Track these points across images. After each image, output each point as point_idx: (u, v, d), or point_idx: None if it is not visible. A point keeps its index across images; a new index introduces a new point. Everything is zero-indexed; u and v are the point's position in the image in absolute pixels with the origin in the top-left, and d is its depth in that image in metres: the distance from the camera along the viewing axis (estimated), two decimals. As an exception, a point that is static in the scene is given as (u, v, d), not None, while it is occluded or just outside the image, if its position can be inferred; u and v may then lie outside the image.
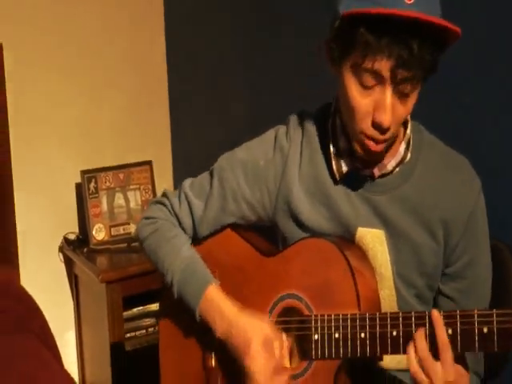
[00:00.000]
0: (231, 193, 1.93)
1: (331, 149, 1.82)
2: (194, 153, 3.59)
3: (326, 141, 1.83)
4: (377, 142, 1.69)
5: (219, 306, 1.88)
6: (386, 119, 1.64)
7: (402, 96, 1.64)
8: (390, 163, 1.78)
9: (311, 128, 1.87)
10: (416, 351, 1.61)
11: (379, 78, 1.62)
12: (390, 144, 1.75)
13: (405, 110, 1.67)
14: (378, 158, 1.77)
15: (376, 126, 1.66)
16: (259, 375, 1.79)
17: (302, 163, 1.87)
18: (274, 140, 1.91)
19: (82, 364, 3.50)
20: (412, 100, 1.66)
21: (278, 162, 1.89)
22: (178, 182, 3.63)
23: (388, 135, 1.68)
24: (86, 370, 3.49)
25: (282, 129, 1.92)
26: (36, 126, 3.34)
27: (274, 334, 1.82)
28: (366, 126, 1.67)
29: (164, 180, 3.59)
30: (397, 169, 1.79)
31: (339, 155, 1.81)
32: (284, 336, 1.85)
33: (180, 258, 1.95)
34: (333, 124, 1.83)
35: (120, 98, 3.52)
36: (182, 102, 3.62)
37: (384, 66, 1.59)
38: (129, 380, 3.21)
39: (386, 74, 1.60)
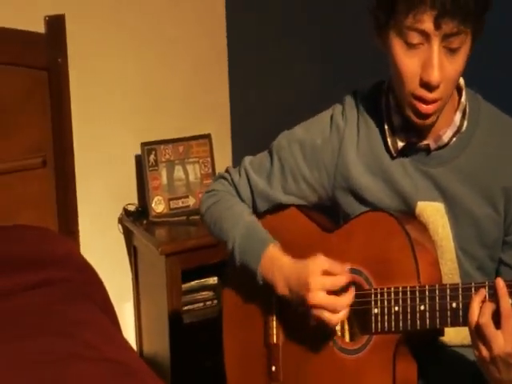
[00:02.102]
0: (291, 173, 1.95)
1: (385, 126, 1.82)
2: (252, 126, 3.58)
3: (381, 118, 1.84)
4: (426, 102, 1.66)
5: (279, 262, 1.88)
6: (433, 75, 1.62)
7: (449, 52, 1.62)
8: (446, 134, 1.77)
9: (366, 106, 1.88)
10: (478, 316, 1.59)
11: (424, 35, 1.60)
12: (442, 109, 1.72)
13: (454, 67, 1.64)
14: (431, 127, 1.76)
15: (424, 84, 1.64)
16: (325, 302, 1.77)
17: (359, 141, 1.87)
18: (330, 119, 1.92)
19: (140, 336, 3.53)
20: (461, 57, 1.64)
21: (334, 140, 1.90)
22: (236, 156, 3.63)
23: (437, 94, 1.66)
24: (143, 341, 3.52)
25: (337, 108, 1.93)
26: (97, 99, 3.36)
27: (329, 261, 1.81)
28: (415, 86, 1.66)
29: (223, 153, 3.59)
30: (453, 139, 1.77)
31: (394, 132, 1.81)
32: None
33: (240, 223, 1.97)
34: (387, 101, 1.83)
35: (180, 72, 3.52)
36: (241, 76, 3.61)
37: (427, 17, 1.58)
38: (186, 353, 3.23)
39: (430, 26, 1.58)
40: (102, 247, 3.40)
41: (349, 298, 1.79)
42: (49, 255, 2.89)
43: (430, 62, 1.62)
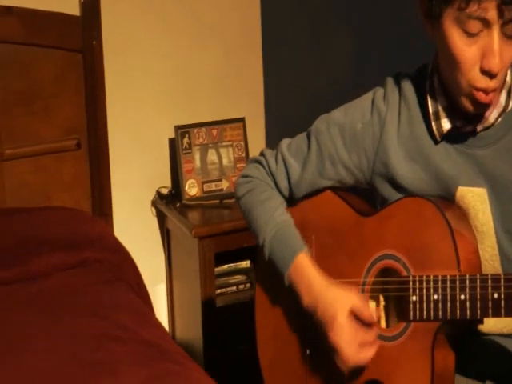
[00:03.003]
0: (329, 157, 1.93)
1: (430, 109, 1.78)
2: (286, 110, 3.57)
3: (424, 101, 1.80)
4: (487, 92, 1.64)
5: (308, 277, 1.89)
6: (494, 63, 1.59)
7: (506, 38, 1.59)
8: (492, 115, 1.73)
9: (409, 90, 1.84)
10: None
11: (485, 22, 1.57)
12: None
13: (510, 54, 1.61)
14: (483, 112, 1.73)
15: (485, 72, 1.61)
16: (345, 349, 1.80)
17: (400, 126, 1.84)
18: (371, 103, 1.89)
19: (173, 318, 3.54)
20: None
21: (375, 124, 1.87)
22: (270, 140, 3.63)
23: (496, 83, 1.63)
24: (176, 324, 3.54)
25: (379, 92, 1.90)
26: (131, 82, 3.37)
27: (362, 304, 1.82)
28: (474, 75, 1.62)
29: (256, 137, 3.59)
30: (499, 119, 1.74)
31: (438, 115, 1.78)
32: (372, 305, 1.84)
33: (272, 222, 1.96)
34: (431, 84, 1.79)
35: (214, 55, 3.52)
36: (275, 59, 3.60)
37: (491, 5, 1.54)
38: (219, 336, 3.24)
39: (493, 14, 1.55)
40: (135, 230, 3.42)
41: (371, 351, 1.80)
42: (83, 237, 2.91)
43: (490, 49, 1.59)
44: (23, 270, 2.71)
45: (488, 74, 1.61)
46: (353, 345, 1.79)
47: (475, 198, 1.78)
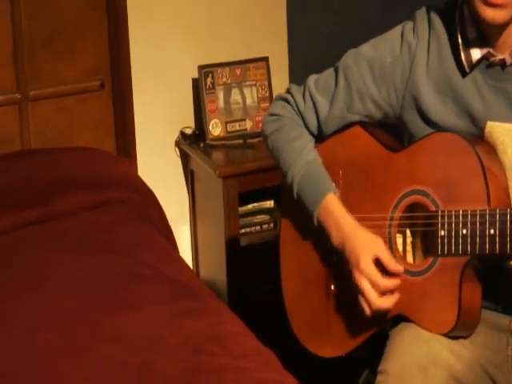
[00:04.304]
0: (357, 91, 1.91)
1: (459, 39, 1.77)
2: (310, 50, 3.53)
3: (454, 32, 1.79)
4: None
5: (336, 217, 1.89)
6: None
7: None
8: None
9: (438, 22, 1.83)
10: None
11: None
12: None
13: None
14: (507, 40, 1.71)
15: None
16: (367, 294, 1.81)
17: (429, 59, 1.83)
18: (400, 36, 1.88)
19: (197, 259, 3.55)
20: None
21: (405, 59, 1.86)
22: (294, 79, 3.59)
23: None
24: (200, 264, 3.55)
25: (408, 25, 1.88)
26: (155, 21, 3.34)
27: (386, 252, 1.82)
28: None
29: (280, 77, 3.55)
30: None
31: (468, 45, 1.76)
32: (399, 240, 1.85)
33: (301, 161, 1.96)
34: (460, 14, 1.78)
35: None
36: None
37: None
38: (243, 276, 3.25)
39: None
40: (159, 170, 3.41)
41: (392, 299, 1.81)
42: (108, 177, 2.92)
43: None
44: (49, 209, 2.73)
45: None
46: (374, 291, 1.81)
47: (504, 134, 1.76)
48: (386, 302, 1.81)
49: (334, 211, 1.90)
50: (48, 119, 3.14)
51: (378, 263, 1.82)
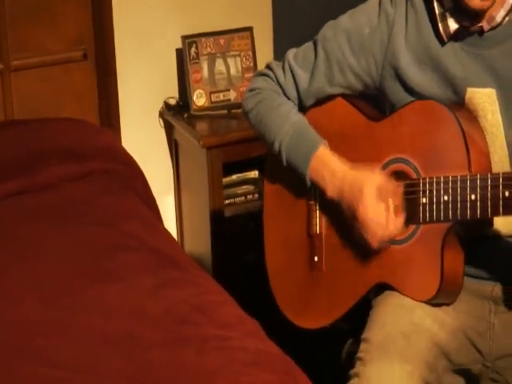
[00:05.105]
0: (337, 63, 1.92)
1: (436, 10, 1.78)
2: (294, 20, 3.52)
3: (431, 3, 1.79)
4: None
5: (330, 165, 1.89)
6: None
7: None
8: (499, 14, 1.73)
9: None
10: None
11: None
12: None
13: None
14: (486, 9, 1.70)
15: None
16: (374, 222, 1.80)
17: (407, 28, 1.83)
18: (378, 6, 1.88)
19: (181, 229, 3.55)
20: None
21: (383, 28, 1.86)
22: (278, 49, 3.57)
23: None
24: (184, 235, 3.55)
25: None
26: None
27: (387, 183, 1.81)
28: None
29: (264, 47, 3.54)
30: (506, 18, 1.73)
31: (445, 16, 1.77)
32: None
33: (288, 123, 1.96)
34: None
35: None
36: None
37: None
38: (227, 246, 3.25)
39: None
40: (143, 141, 3.40)
41: (399, 225, 1.79)
42: (91, 148, 2.91)
43: None
44: (32, 180, 2.72)
45: None
46: (381, 218, 1.79)
47: (484, 99, 1.77)
48: (393, 226, 1.79)
49: (328, 160, 1.89)
50: (31, 90, 3.12)
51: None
